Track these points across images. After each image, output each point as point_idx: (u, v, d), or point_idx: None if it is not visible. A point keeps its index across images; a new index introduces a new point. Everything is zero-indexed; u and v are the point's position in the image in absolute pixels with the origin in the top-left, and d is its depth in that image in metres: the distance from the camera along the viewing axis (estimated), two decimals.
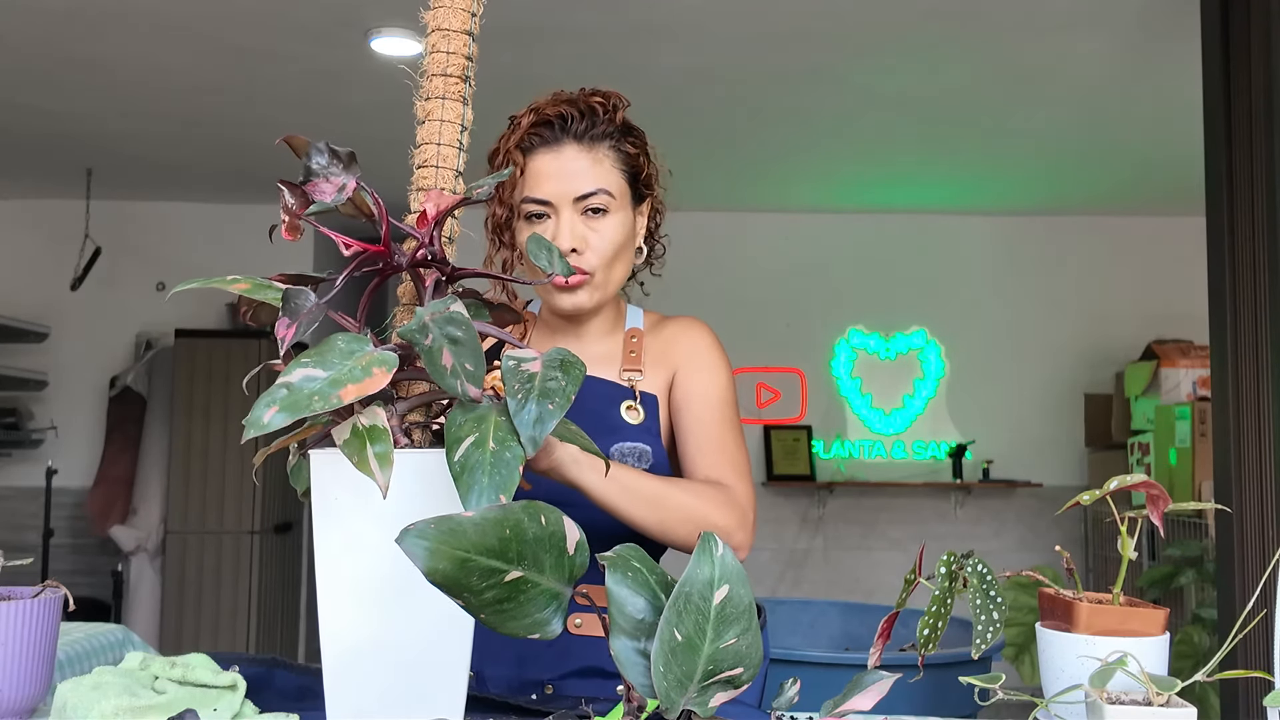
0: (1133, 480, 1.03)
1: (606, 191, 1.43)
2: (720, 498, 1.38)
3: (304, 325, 0.90)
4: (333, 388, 0.85)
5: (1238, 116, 2.78)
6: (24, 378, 5.53)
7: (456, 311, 0.92)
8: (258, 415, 0.82)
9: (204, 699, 1.05)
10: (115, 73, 3.93)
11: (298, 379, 0.85)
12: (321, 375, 0.85)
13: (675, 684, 0.76)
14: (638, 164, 1.47)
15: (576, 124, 1.43)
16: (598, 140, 1.44)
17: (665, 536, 1.34)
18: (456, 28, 1.09)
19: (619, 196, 1.44)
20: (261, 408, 0.82)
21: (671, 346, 1.52)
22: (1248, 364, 2.73)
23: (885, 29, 3.52)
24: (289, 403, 0.83)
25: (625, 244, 1.46)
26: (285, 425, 0.83)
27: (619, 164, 1.45)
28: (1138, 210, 5.95)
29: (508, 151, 1.44)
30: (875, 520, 6.07)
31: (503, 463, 0.86)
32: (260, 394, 0.84)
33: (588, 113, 1.44)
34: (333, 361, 0.87)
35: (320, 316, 0.92)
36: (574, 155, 1.42)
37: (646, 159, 1.49)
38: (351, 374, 0.86)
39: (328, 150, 0.96)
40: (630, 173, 1.47)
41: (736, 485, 1.42)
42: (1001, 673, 0.99)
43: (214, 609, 5.33)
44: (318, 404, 0.83)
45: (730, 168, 5.24)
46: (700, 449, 1.45)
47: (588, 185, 1.42)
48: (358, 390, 0.85)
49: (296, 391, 0.84)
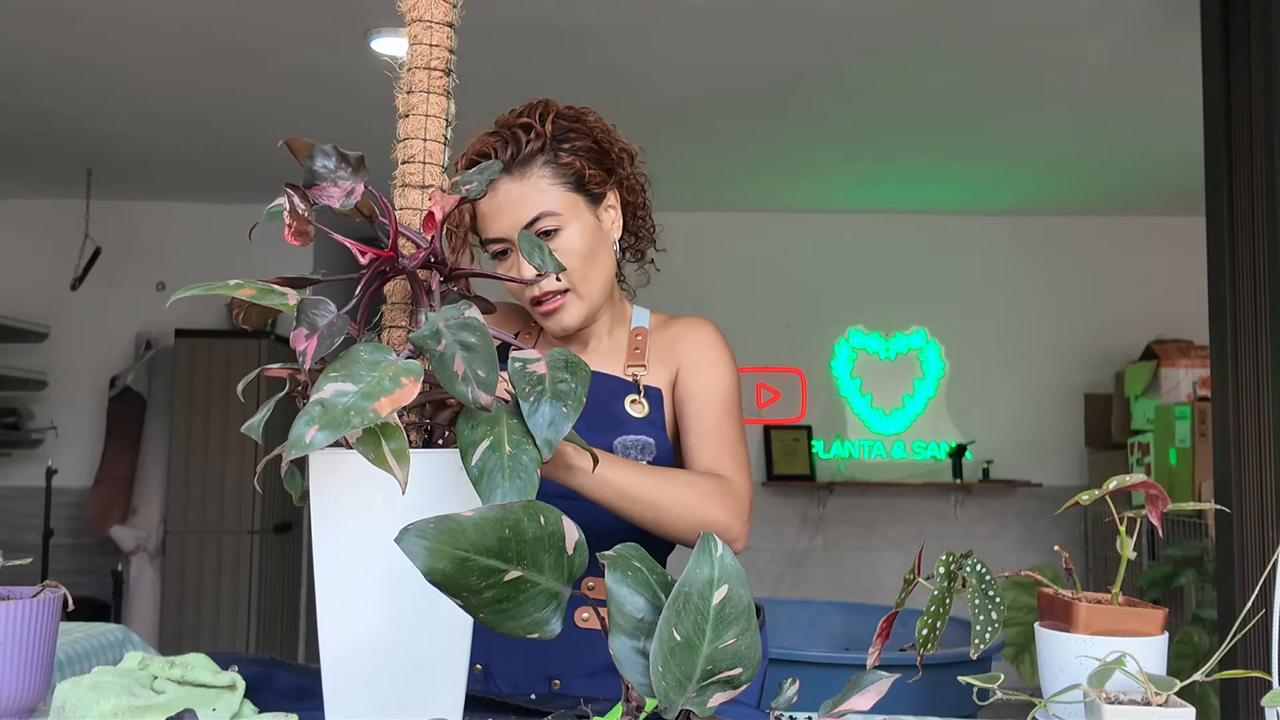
0: (1132, 480, 1.03)
1: (549, 213, 1.42)
2: (718, 491, 1.38)
3: (327, 339, 0.89)
4: (366, 401, 0.84)
5: (1238, 116, 2.78)
6: (24, 378, 5.53)
7: (472, 317, 0.91)
8: (299, 435, 0.82)
9: (203, 699, 1.05)
10: (115, 73, 3.93)
11: (330, 394, 0.84)
12: (352, 389, 0.85)
13: (674, 684, 0.76)
14: (578, 169, 1.44)
15: (501, 156, 1.42)
16: (528, 163, 1.42)
17: (661, 531, 1.34)
18: (438, 19, 1.06)
19: (566, 210, 1.43)
20: (302, 426, 0.82)
21: (676, 343, 1.53)
22: (1248, 364, 2.73)
23: (885, 29, 3.52)
24: (327, 420, 0.82)
25: (592, 249, 1.45)
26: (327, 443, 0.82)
27: (556, 178, 1.43)
28: (1138, 210, 5.95)
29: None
30: (875, 520, 6.07)
31: (520, 466, 0.86)
32: (257, 396, 0.84)
33: (511, 140, 1.43)
34: (360, 374, 0.86)
35: (344, 329, 0.91)
36: (507, 188, 1.42)
37: (589, 160, 1.46)
38: (381, 386, 0.86)
39: (336, 153, 0.95)
40: (573, 181, 1.44)
41: (735, 478, 1.42)
42: (1000, 673, 0.99)
43: (214, 609, 5.33)
44: (355, 419, 0.83)
45: (730, 168, 5.24)
46: (701, 441, 1.46)
47: (526, 213, 1.41)
48: (391, 403, 0.85)
49: (331, 407, 0.83)
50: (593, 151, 1.47)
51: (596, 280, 1.46)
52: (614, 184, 1.50)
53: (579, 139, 1.46)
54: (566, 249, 1.42)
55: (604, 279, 1.48)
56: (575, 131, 1.46)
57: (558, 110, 1.47)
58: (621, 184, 1.51)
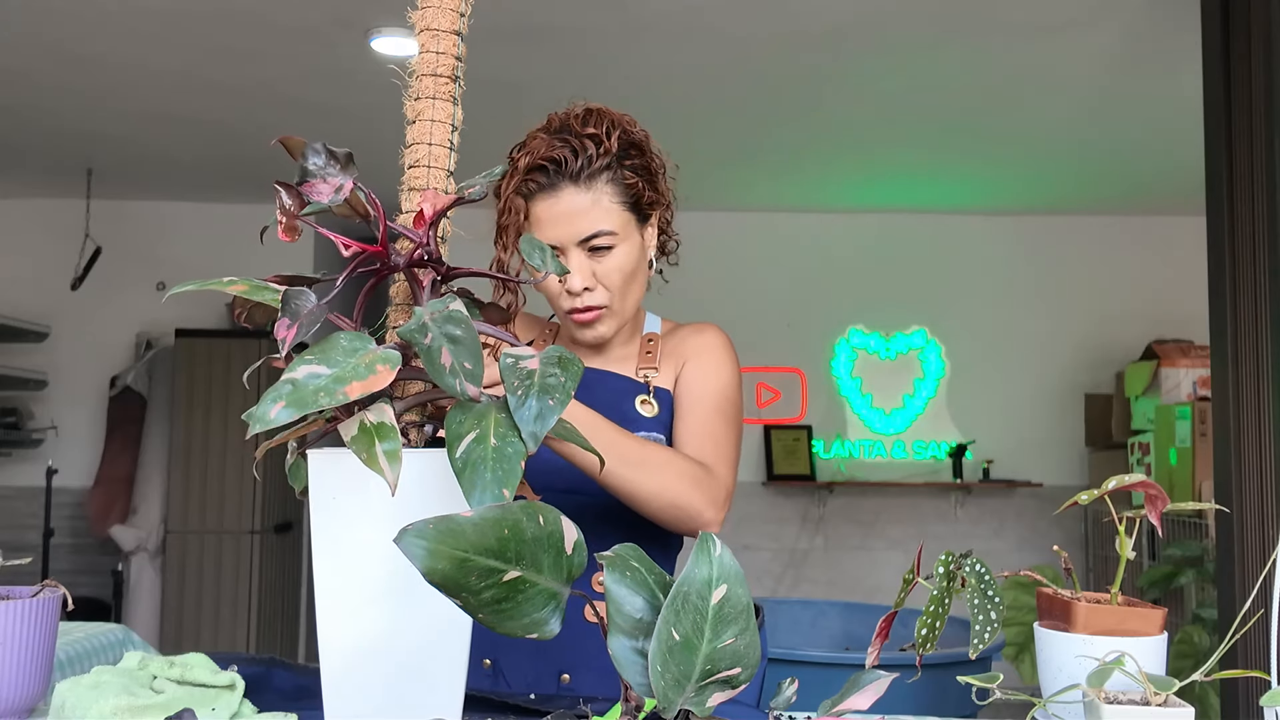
0: (1131, 480, 1.03)
1: (607, 231, 1.44)
2: (694, 474, 1.40)
3: (305, 326, 0.90)
4: (337, 384, 0.85)
5: (1238, 116, 2.78)
6: (24, 377, 5.54)
7: (456, 310, 0.92)
8: (263, 411, 0.82)
9: (202, 698, 1.05)
10: (115, 73, 3.93)
11: (302, 375, 0.85)
12: (326, 372, 0.86)
13: (673, 684, 0.76)
14: (638, 190, 1.47)
15: (571, 165, 1.43)
16: (594, 177, 1.44)
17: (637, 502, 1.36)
18: (445, 28, 1.08)
19: (621, 230, 1.46)
20: (267, 403, 0.83)
21: (683, 345, 1.57)
22: (1248, 364, 2.73)
23: (885, 29, 3.52)
24: (294, 398, 0.83)
25: (635, 269, 1.49)
26: (290, 421, 0.83)
27: (618, 197, 1.46)
28: (1138, 210, 5.95)
29: (508, 198, 1.45)
30: (875, 520, 6.07)
31: (505, 458, 0.86)
32: (261, 390, 0.84)
33: (580, 150, 1.44)
34: (336, 359, 0.87)
35: (321, 317, 0.92)
36: (571, 198, 1.44)
37: (647, 182, 1.49)
38: (355, 371, 0.86)
39: (325, 151, 0.96)
40: (631, 201, 1.47)
41: (716, 467, 1.44)
42: (1000, 673, 0.99)
43: (214, 609, 5.33)
44: (323, 400, 0.84)
45: (730, 167, 5.24)
46: (689, 431, 1.49)
47: (588, 228, 1.44)
48: (362, 387, 0.85)
49: (301, 388, 0.84)
50: (648, 171, 1.50)
51: (633, 296, 1.51)
52: (661, 206, 1.54)
53: (638, 156, 1.49)
54: (615, 267, 1.46)
55: (639, 295, 1.53)
56: (635, 148, 1.49)
57: (621, 124, 1.48)
58: (665, 206, 1.55)
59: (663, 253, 1.59)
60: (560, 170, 1.43)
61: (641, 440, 1.38)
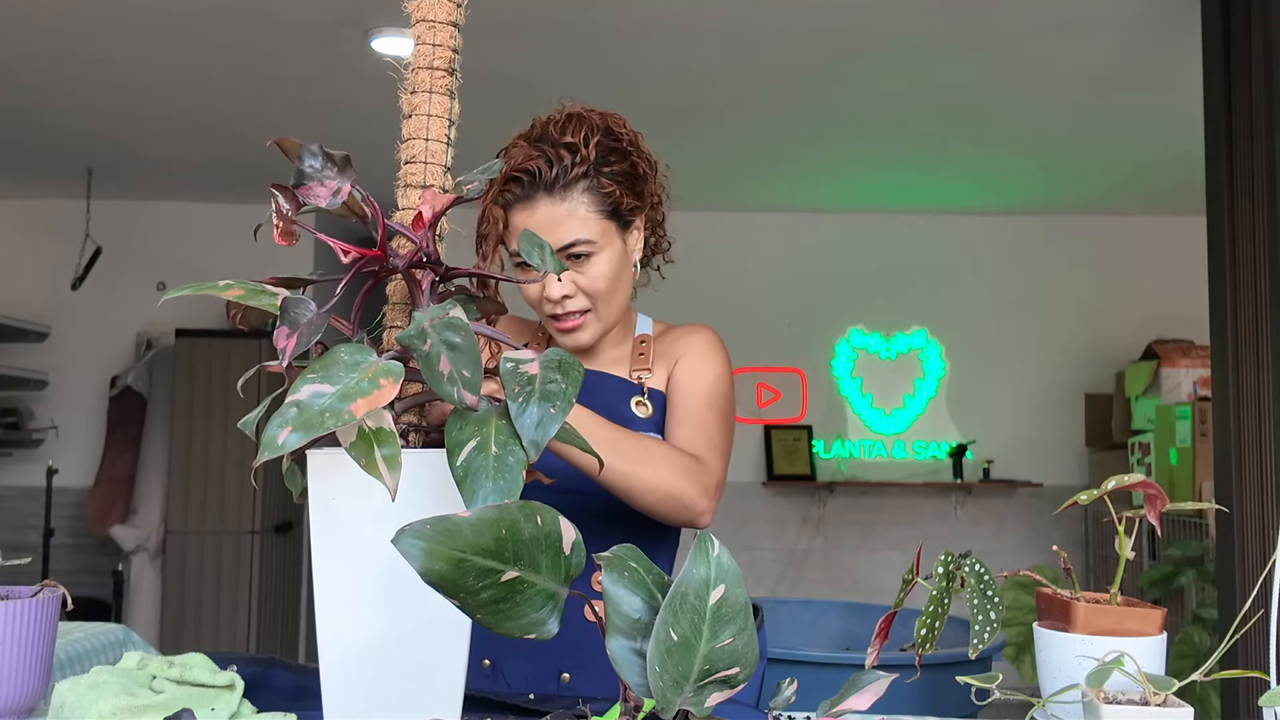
0: (1131, 480, 1.03)
1: (584, 240, 1.44)
2: (686, 465, 1.41)
3: (306, 337, 0.90)
4: (343, 402, 0.84)
5: (1238, 116, 2.78)
6: (24, 377, 5.53)
7: (455, 318, 0.91)
8: (272, 436, 0.82)
9: (202, 698, 1.05)
10: (115, 73, 3.93)
11: (306, 396, 0.84)
12: (329, 390, 0.85)
13: (671, 684, 0.76)
14: (616, 197, 1.46)
15: (545, 176, 1.42)
16: (570, 187, 1.43)
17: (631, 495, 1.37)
18: (442, 19, 1.06)
19: (600, 238, 1.45)
20: (275, 428, 0.82)
21: (675, 345, 1.58)
22: (1248, 364, 2.73)
23: (885, 29, 3.52)
24: (302, 422, 0.82)
25: (617, 274, 1.49)
26: (299, 446, 0.82)
27: (595, 206, 1.44)
28: (1138, 210, 5.95)
29: (487, 208, 1.46)
30: (875, 520, 6.07)
31: (506, 467, 0.86)
32: (258, 394, 0.84)
33: (556, 160, 1.43)
34: (339, 375, 0.86)
35: (323, 327, 0.92)
36: (547, 209, 1.43)
37: (627, 188, 1.47)
38: (359, 387, 0.85)
39: (322, 153, 0.96)
40: (610, 209, 1.46)
41: (707, 457, 1.45)
42: (1000, 673, 0.99)
43: (214, 609, 5.33)
44: (330, 422, 0.83)
45: (730, 168, 5.24)
46: (680, 424, 1.49)
47: (564, 238, 1.43)
48: (368, 404, 0.85)
49: (307, 409, 0.83)
50: (630, 176, 1.48)
51: (617, 302, 1.51)
52: (645, 210, 1.53)
53: (619, 162, 1.47)
54: (595, 274, 1.46)
55: (623, 300, 1.53)
56: (615, 153, 1.47)
57: (601, 130, 1.47)
58: (651, 207, 1.54)
59: (655, 252, 1.59)
60: (535, 181, 1.43)
61: (634, 434, 1.39)
